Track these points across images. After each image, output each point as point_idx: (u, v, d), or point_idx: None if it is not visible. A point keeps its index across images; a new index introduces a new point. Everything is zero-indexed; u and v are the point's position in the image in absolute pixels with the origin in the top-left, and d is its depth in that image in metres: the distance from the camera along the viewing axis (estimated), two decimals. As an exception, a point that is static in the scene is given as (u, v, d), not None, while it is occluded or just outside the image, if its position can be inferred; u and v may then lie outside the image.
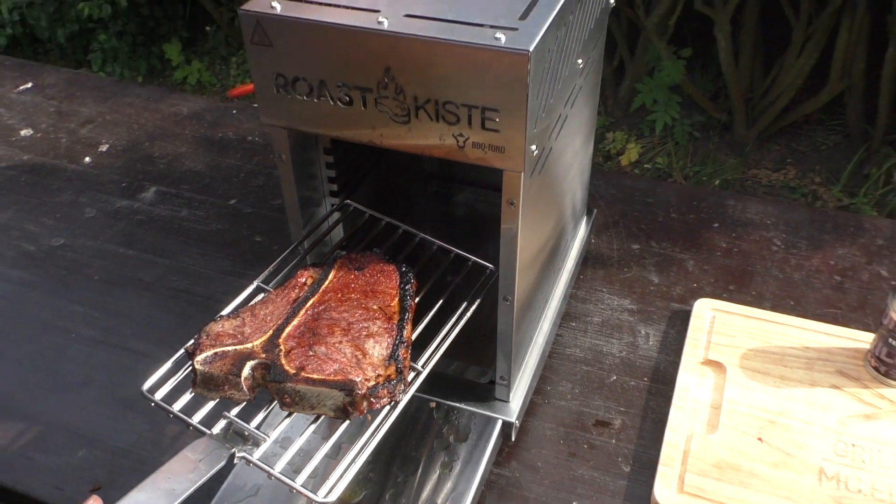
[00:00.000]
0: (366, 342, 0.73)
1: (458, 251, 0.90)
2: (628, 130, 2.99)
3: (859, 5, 2.38)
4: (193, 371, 0.70)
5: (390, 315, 0.77)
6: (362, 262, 0.83)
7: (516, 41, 0.63)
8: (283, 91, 0.73)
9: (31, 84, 1.66)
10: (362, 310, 0.77)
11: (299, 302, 0.78)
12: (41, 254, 1.20)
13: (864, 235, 1.20)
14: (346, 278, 0.81)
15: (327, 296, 0.79)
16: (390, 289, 0.80)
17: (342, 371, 0.70)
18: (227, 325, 0.75)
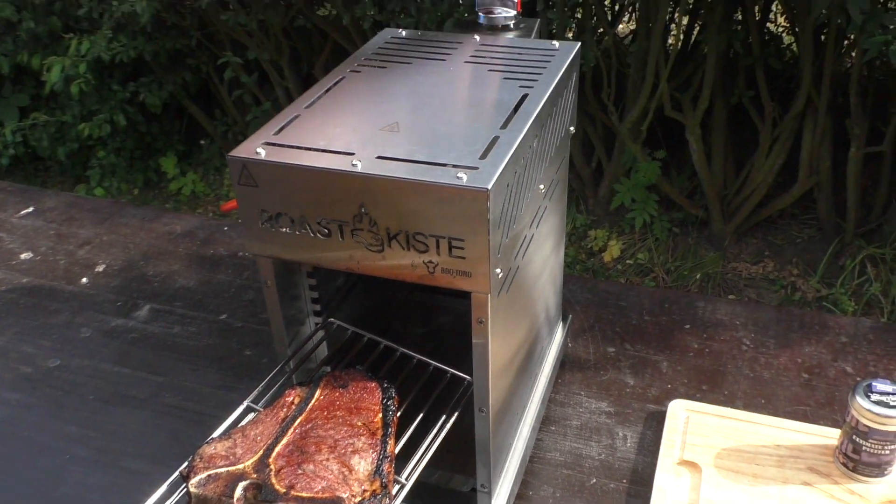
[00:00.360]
0: (351, 458, 0.77)
1: (437, 364, 0.94)
2: (609, 228, 3.09)
3: (819, 110, 2.51)
4: (188, 494, 0.74)
5: (374, 430, 0.81)
6: (346, 379, 0.88)
7: (476, 179, 0.70)
8: (267, 225, 0.80)
9: (32, 208, 1.74)
10: (347, 426, 0.81)
11: (287, 421, 0.82)
12: (38, 375, 1.25)
13: (829, 333, 1.25)
14: (331, 396, 0.86)
15: (314, 414, 0.83)
16: (373, 405, 0.85)
17: (330, 488, 0.73)
18: (219, 446, 0.79)
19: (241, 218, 0.81)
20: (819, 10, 2.04)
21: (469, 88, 0.89)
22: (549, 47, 0.99)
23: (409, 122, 0.82)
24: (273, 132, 0.81)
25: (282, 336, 0.91)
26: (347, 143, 0.77)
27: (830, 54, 2.40)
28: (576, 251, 3.04)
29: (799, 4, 2.37)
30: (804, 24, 2.37)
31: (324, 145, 0.77)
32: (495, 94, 0.87)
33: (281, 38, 3.32)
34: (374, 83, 0.92)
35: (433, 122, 0.81)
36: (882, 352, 1.21)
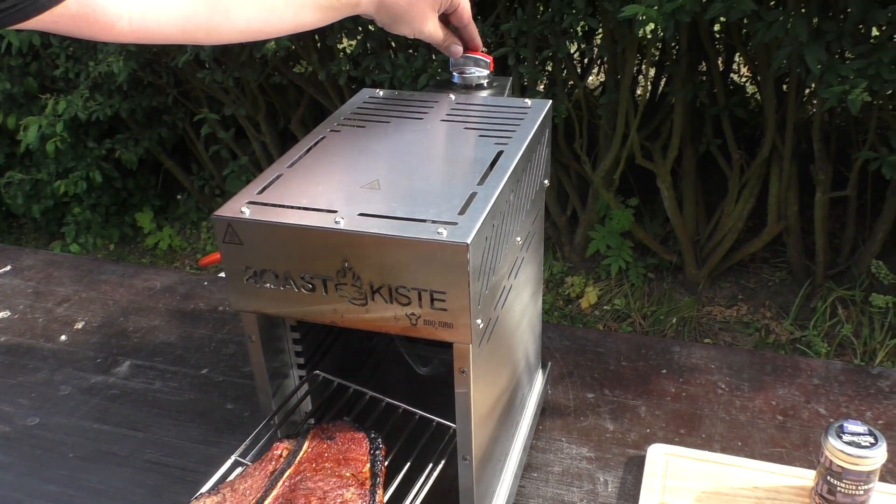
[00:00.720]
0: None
1: (422, 413, 0.96)
2: (586, 275, 3.13)
3: (784, 156, 2.60)
4: None
5: (363, 481, 0.82)
6: (334, 431, 0.89)
7: (456, 234, 0.73)
8: (251, 281, 0.81)
9: (9, 267, 1.74)
10: (336, 477, 0.82)
11: (276, 474, 0.83)
12: (16, 434, 1.24)
13: (801, 376, 1.28)
14: (319, 448, 0.87)
15: (303, 466, 0.84)
16: (361, 455, 0.86)
17: None
18: (208, 502, 0.80)
19: (226, 275, 0.83)
20: (779, 62, 2.13)
21: (446, 146, 0.92)
22: (522, 105, 1.03)
23: (390, 179, 0.84)
24: (257, 191, 0.84)
25: (266, 389, 0.92)
26: (330, 201, 0.80)
27: (792, 103, 2.49)
28: (553, 298, 3.07)
29: (760, 56, 2.47)
30: (765, 74, 2.46)
31: (307, 203, 0.80)
32: (472, 151, 0.91)
33: (257, 94, 3.38)
34: (354, 142, 0.95)
35: (412, 180, 0.84)
36: (853, 393, 1.24)
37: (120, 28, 0.73)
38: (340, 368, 1.07)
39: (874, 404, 1.22)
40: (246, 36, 0.86)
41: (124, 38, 0.75)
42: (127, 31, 0.74)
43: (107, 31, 0.73)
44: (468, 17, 1.06)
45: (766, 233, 2.82)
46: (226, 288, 0.83)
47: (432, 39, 1.03)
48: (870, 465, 0.96)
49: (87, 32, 0.72)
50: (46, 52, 3.40)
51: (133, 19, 0.74)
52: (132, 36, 0.75)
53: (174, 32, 0.78)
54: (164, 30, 0.77)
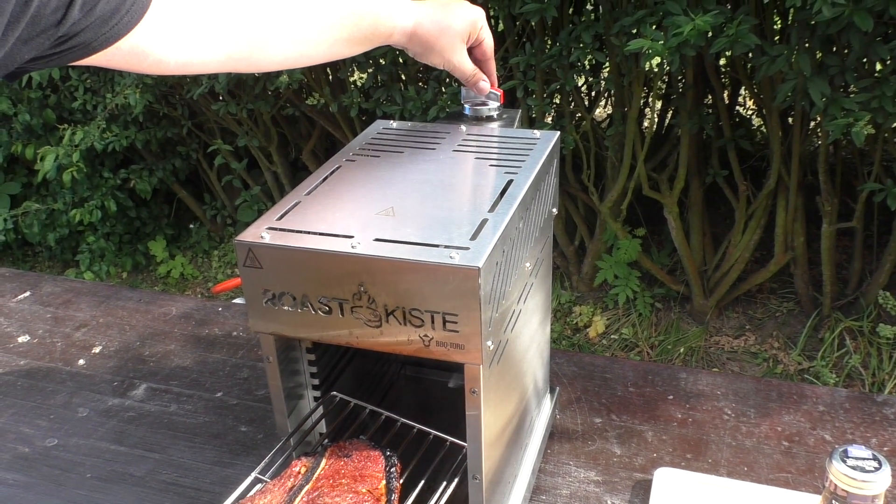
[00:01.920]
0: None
1: (436, 432, 0.98)
2: (594, 304, 3.15)
3: (790, 188, 2.63)
4: None
5: (378, 497, 0.85)
6: (350, 449, 0.92)
7: (468, 259, 0.76)
8: (270, 303, 0.85)
9: (28, 293, 1.78)
10: (353, 493, 0.85)
11: (295, 490, 0.86)
12: (35, 455, 1.26)
13: (807, 402, 1.30)
14: (336, 465, 0.89)
15: (320, 482, 0.87)
16: (377, 472, 0.89)
17: None
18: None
19: (246, 297, 0.86)
20: (783, 95, 2.17)
21: (458, 175, 0.96)
22: (531, 136, 1.07)
23: (404, 206, 0.88)
24: (276, 217, 0.87)
25: (282, 409, 0.95)
26: (347, 227, 0.83)
27: (798, 135, 2.53)
28: (562, 327, 3.09)
29: (765, 90, 2.51)
30: (770, 107, 2.50)
31: (324, 229, 0.83)
32: (483, 180, 0.94)
33: (270, 125, 3.44)
34: (370, 171, 0.98)
35: (426, 207, 0.88)
36: (859, 420, 1.26)
37: (167, 64, 0.79)
38: (354, 390, 1.10)
39: (879, 431, 1.23)
40: (282, 66, 0.93)
41: (171, 71, 0.81)
42: (174, 66, 0.80)
43: (156, 67, 0.79)
44: (491, 53, 1.10)
45: (774, 263, 2.84)
46: (246, 310, 0.86)
47: (460, 71, 1.07)
48: (874, 490, 0.97)
49: (138, 68, 0.78)
50: (65, 85, 3.48)
51: (179, 59, 0.79)
52: (179, 70, 0.81)
53: (217, 66, 0.84)
54: (209, 66, 0.83)
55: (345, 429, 1.00)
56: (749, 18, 2.05)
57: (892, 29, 2.09)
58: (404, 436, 0.98)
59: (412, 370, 1.32)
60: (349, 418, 1.02)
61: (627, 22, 2.20)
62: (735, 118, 3.24)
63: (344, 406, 1.02)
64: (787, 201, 2.68)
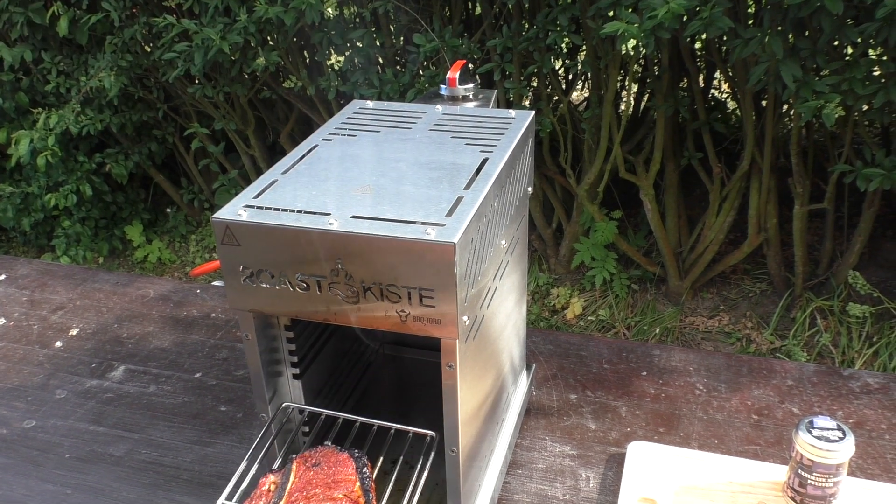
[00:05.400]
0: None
1: (398, 426, 0.99)
2: (571, 286, 3.18)
3: (764, 170, 2.66)
4: None
5: (356, 499, 0.85)
6: (317, 457, 0.91)
7: (443, 235, 0.77)
8: (248, 281, 0.85)
9: (3, 276, 1.76)
10: (330, 501, 0.84)
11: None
12: (13, 436, 1.26)
13: (776, 377, 1.33)
14: (306, 476, 0.88)
15: (293, 497, 0.85)
16: (350, 475, 0.88)
17: None
18: None
19: (224, 275, 0.87)
20: (756, 77, 2.19)
21: (434, 153, 0.97)
22: (507, 116, 1.08)
23: (380, 184, 0.89)
24: (253, 195, 0.88)
25: (261, 387, 0.96)
26: (324, 205, 0.84)
27: (770, 118, 2.56)
28: (539, 308, 3.12)
29: (738, 73, 2.54)
30: (744, 89, 2.53)
31: (301, 206, 0.84)
32: (458, 158, 0.95)
33: (247, 109, 3.42)
34: (346, 150, 0.99)
35: (402, 185, 0.89)
36: (826, 393, 1.29)
37: None
38: (332, 369, 1.11)
39: (845, 404, 1.27)
40: None
41: None
42: None
43: None
44: None
45: (747, 245, 2.88)
46: (224, 288, 0.87)
47: None
48: (838, 459, 1.00)
49: None
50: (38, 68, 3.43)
51: None
52: None
53: None
54: None
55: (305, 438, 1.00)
56: (723, 1, 2.07)
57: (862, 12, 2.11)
58: (367, 434, 0.98)
59: (390, 349, 1.34)
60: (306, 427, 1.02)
61: (604, 4, 2.21)
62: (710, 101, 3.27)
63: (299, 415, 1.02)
64: (761, 183, 2.71)
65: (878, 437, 1.20)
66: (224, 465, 1.19)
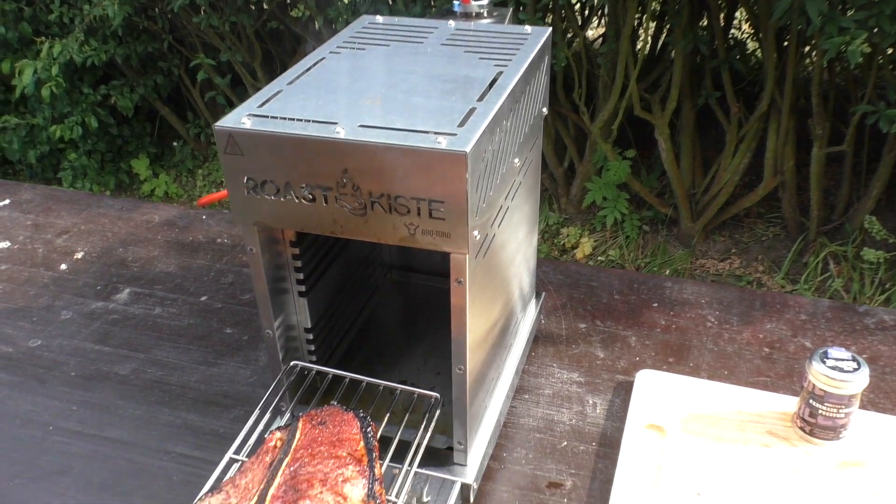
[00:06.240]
0: (343, 487, 0.80)
1: (402, 387, 0.98)
2: (581, 226, 3.15)
3: (783, 110, 2.60)
4: None
5: (359, 458, 0.84)
6: (323, 416, 0.91)
7: (455, 144, 0.74)
8: (252, 193, 0.83)
9: (8, 201, 1.75)
10: (333, 459, 0.84)
11: (275, 464, 0.84)
12: (19, 355, 1.26)
13: (790, 312, 1.31)
14: (312, 434, 0.88)
15: (299, 453, 0.85)
16: (354, 435, 0.88)
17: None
18: (213, 501, 0.81)
19: (227, 187, 0.84)
20: (781, 12, 2.12)
21: (446, 67, 0.93)
22: (522, 31, 1.04)
23: (390, 96, 0.86)
24: (257, 105, 0.85)
25: (266, 306, 0.94)
26: (330, 114, 0.81)
27: (793, 57, 2.49)
28: (549, 248, 3.10)
29: (761, 8, 2.46)
30: (767, 27, 2.45)
31: (307, 115, 0.81)
32: (471, 71, 0.92)
33: (253, 40, 3.35)
34: (355, 63, 0.95)
35: (412, 96, 0.85)
36: (840, 329, 1.27)
37: None
38: (337, 292, 1.09)
39: (859, 339, 1.25)
40: None
41: None
42: None
43: None
44: None
45: (762, 187, 2.83)
46: (229, 198, 0.84)
47: None
48: (851, 389, 0.99)
49: None
50: (41, -4, 3.36)
51: None
52: None
53: None
54: None
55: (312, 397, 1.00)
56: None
57: (894, -57, 2.03)
58: (373, 394, 0.98)
59: (398, 275, 1.32)
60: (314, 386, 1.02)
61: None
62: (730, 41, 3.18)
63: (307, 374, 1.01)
64: (779, 124, 2.65)
65: (891, 372, 1.18)
66: (229, 384, 1.18)
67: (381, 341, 1.19)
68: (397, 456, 0.90)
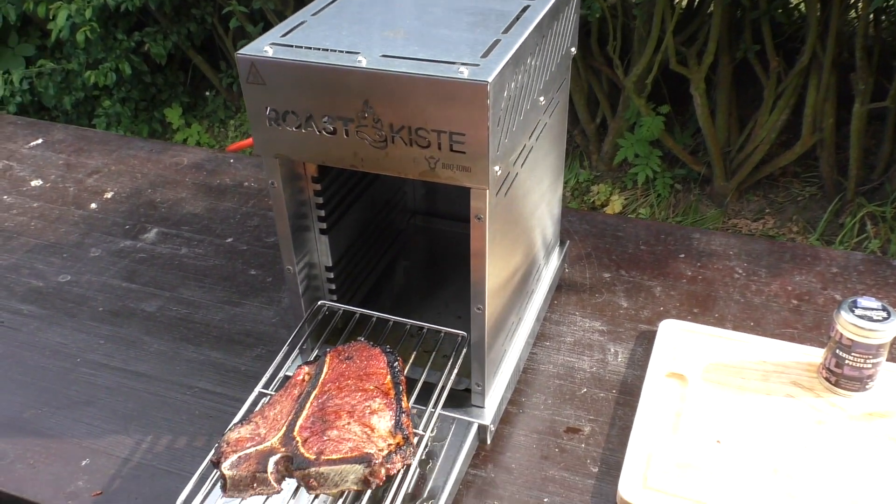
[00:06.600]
0: (371, 419, 0.82)
1: (430, 325, 0.98)
2: (612, 183, 3.11)
3: (824, 65, 2.52)
4: (222, 477, 0.77)
5: (386, 391, 0.86)
6: (350, 351, 0.92)
7: (477, 74, 0.72)
8: (274, 124, 0.82)
9: (41, 140, 1.76)
10: (361, 392, 0.85)
11: (303, 397, 0.86)
12: (49, 289, 1.28)
13: (820, 265, 1.28)
14: (339, 368, 0.90)
15: (326, 386, 0.87)
16: (381, 369, 0.89)
17: (357, 448, 0.78)
18: (242, 430, 0.83)
19: (250, 117, 0.84)
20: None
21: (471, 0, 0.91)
22: (552, -33, 1.01)
23: (413, 28, 0.84)
24: (280, 34, 0.84)
25: (287, 240, 0.94)
26: (353, 44, 0.80)
27: (836, 9, 2.40)
28: (578, 205, 3.07)
29: (806, -44, 2.37)
30: (811, -24, 2.37)
31: (329, 45, 0.80)
32: (497, 4, 0.89)
33: (287, -14, 3.32)
34: (380, -5, 0.94)
35: (436, 28, 0.84)
36: (872, 282, 1.24)
37: None
38: (359, 233, 1.09)
39: (892, 293, 1.22)
40: None
41: None
42: None
43: None
44: None
45: (800, 145, 2.76)
46: (251, 130, 0.84)
47: None
48: (880, 339, 0.97)
49: None
50: (75, -60, 3.35)
51: None
52: None
53: None
54: None
55: (339, 336, 1.01)
56: None
57: None
58: (400, 333, 0.99)
59: (422, 220, 1.31)
60: (341, 325, 1.02)
61: None
62: (772, -8, 3.08)
63: (333, 315, 1.02)
64: (820, 80, 2.57)
65: (923, 327, 1.15)
66: (253, 324, 1.19)
67: (403, 285, 1.19)
68: (421, 399, 0.91)
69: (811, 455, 0.93)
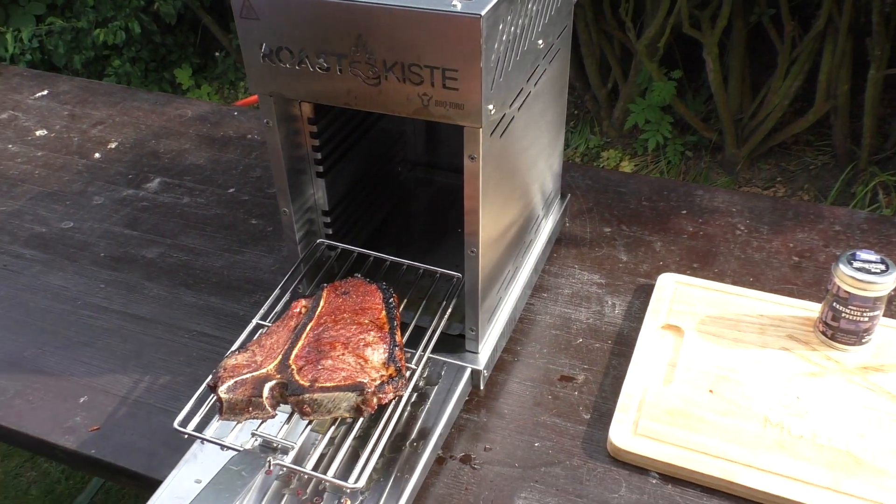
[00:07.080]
0: (364, 350, 0.83)
1: (426, 266, 0.99)
2: (622, 150, 3.08)
3: (840, 30, 2.47)
4: (219, 401, 0.79)
5: (381, 325, 0.87)
6: (347, 287, 0.93)
7: (471, 7, 0.72)
8: (268, 60, 0.82)
9: (46, 91, 1.77)
10: (356, 325, 0.87)
11: (299, 327, 0.87)
12: (52, 235, 1.29)
13: (823, 222, 1.27)
14: (335, 302, 0.91)
15: (323, 319, 0.88)
16: (376, 304, 0.90)
17: (350, 377, 0.80)
18: (240, 357, 0.84)
19: (244, 54, 0.83)
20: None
21: (472, -60, 0.90)
22: None
23: (410, -35, 0.83)
24: (276, -29, 0.83)
25: (283, 181, 0.94)
26: (347, -20, 0.79)
27: (854, -30, 2.35)
28: (586, 170, 3.04)
29: (825, -84, 2.32)
30: (829, -63, 2.32)
31: (325, -20, 0.79)
32: (497, -55, 0.88)
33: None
34: (379, -65, 0.92)
35: (433, -35, 0.82)
36: (875, 240, 1.23)
37: None
38: (357, 180, 1.09)
39: (895, 251, 1.20)
40: None
41: None
42: None
43: None
44: None
45: (813, 112, 2.72)
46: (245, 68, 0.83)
47: None
48: (877, 291, 0.96)
49: None
50: None
51: None
52: None
53: None
54: None
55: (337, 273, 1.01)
56: None
57: None
58: (397, 272, 1.00)
59: (423, 171, 1.31)
60: (339, 263, 1.03)
61: None
62: (790, -44, 3.02)
63: (329, 255, 1.03)
64: (835, 45, 2.53)
65: (925, 285, 1.14)
66: (252, 271, 1.20)
67: (400, 235, 1.19)
68: (413, 343, 0.91)
69: (803, 406, 0.93)
